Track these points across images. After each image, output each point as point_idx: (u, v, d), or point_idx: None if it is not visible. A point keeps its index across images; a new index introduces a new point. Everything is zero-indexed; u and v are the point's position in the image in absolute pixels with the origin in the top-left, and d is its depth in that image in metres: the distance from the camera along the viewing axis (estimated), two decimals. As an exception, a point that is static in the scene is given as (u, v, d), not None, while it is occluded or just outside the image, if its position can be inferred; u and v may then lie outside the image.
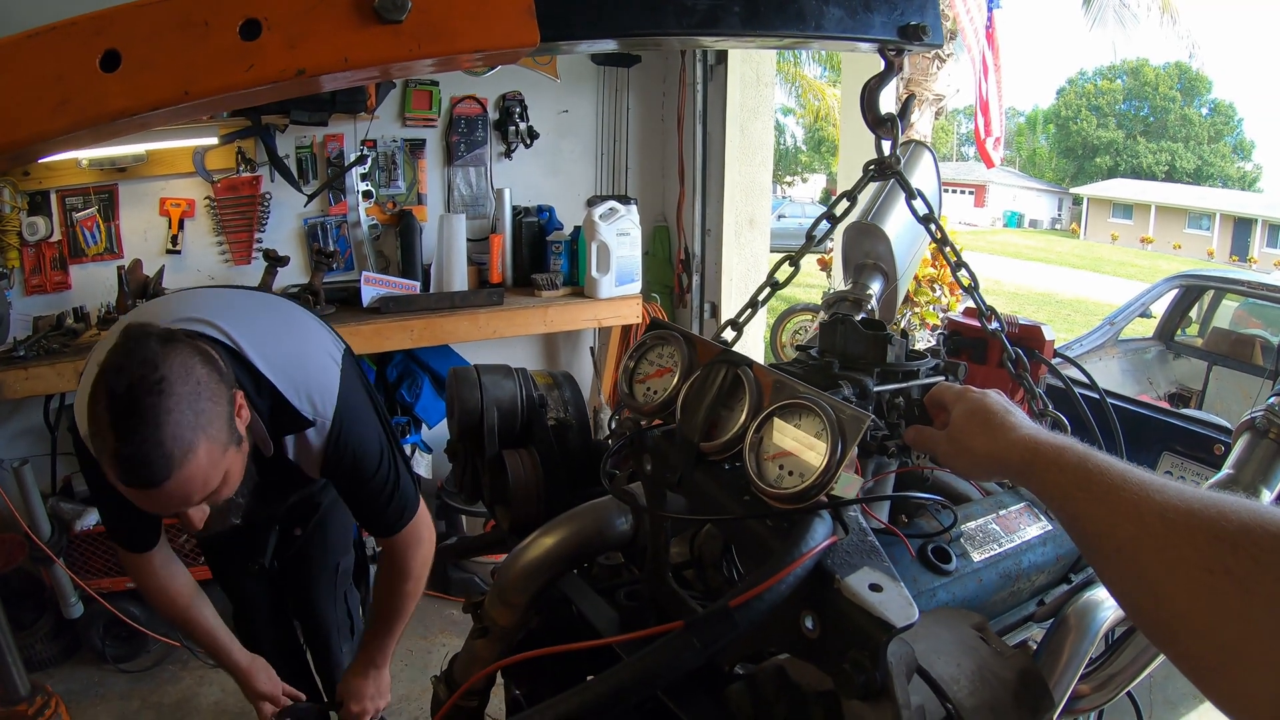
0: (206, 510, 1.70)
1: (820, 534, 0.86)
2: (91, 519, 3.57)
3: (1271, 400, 1.36)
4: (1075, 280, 22.34)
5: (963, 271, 1.54)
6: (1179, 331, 6.20)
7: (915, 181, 1.86)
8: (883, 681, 0.79)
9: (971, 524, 1.23)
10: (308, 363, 1.97)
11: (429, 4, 0.91)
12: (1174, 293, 6.05)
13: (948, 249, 1.54)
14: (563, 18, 0.99)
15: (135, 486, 1.53)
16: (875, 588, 0.82)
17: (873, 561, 0.87)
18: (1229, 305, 6.37)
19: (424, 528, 2.24)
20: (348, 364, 2.06)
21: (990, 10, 8.62)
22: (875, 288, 1.84)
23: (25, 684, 1.58)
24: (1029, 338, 1.75)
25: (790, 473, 0.93)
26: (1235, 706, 0.65)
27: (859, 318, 1.51)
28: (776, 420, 0.97)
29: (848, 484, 0.89)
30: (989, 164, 9.23)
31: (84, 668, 3.79)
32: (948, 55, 9.79)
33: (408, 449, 4.37)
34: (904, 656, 0.82)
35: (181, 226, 3.99)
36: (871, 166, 1.56)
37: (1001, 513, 1.28)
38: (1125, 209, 39.73)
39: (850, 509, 0.91)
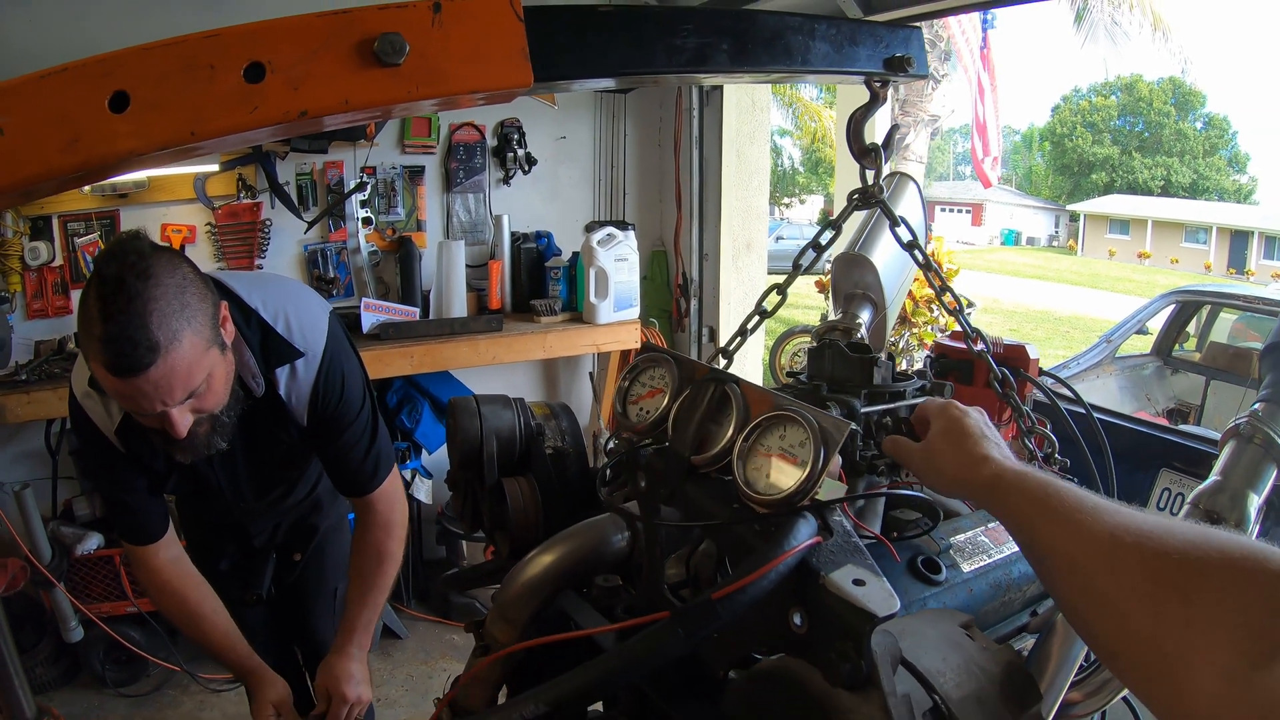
0: (190, 417, 1.70)
1: (804, 533, 0.90)
2: (93, 543, 3.58)
3: (1255, 406, 1.39)
4: (1073, 297, 22.36)
5: (948, 295, 1.58)
6: (1176, 347, 6.21)
7: (899, 213, 1.90)
8: (868, 670, 0.82)
9: (961, 536, 1.26)
10: (297, 302, 2.03)
11: (426, 47, 0.94)
12: (1170, 308, 6.06)
13: (931, 274, 1.57)
14: (555, 59, 1.02)
15: (120, 373, 1.55)
16: (858, 582, 0.85)
17: (856, 559, 0.90)
18: (1226, 319, 6.38)
19: (399, 487, 2.25)
20: (335, 316, 2.10)
21: (985, 31, 8.71)
22: (865, 317, 1.86)
23: (32, 706, 1.60)
24: (1013, 357, 1.77)
25: (776, 481, 0.96)
26: (1176, 712, 0.68)
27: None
28: (763, 432, 1.01)
29: (831, 490, 0.93)
30: (986, 184, 9.29)
31: (84, 692, 3.81)
32: (942, 76, 9.88)
33: (407, 474, 4.38)
34: (888, 648, 0.85)
35: (183, 252, 4.02)
36: (856, 196, 1.59)
37: (990, 525, 1.30)
38: (1122, 224, 39.78)
39: (837, 515, 0.94)
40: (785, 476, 0.96)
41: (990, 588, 1.21)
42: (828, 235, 1.66)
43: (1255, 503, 1.29)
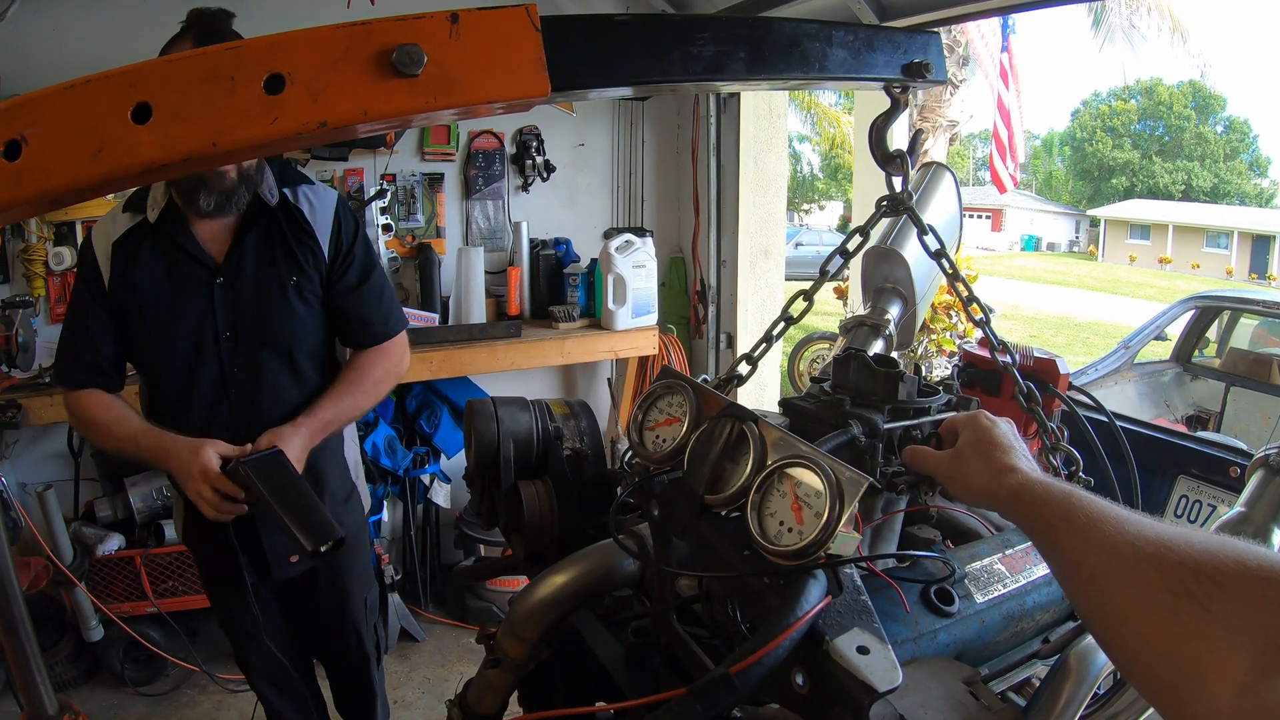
0: None
1: (815, 596, 0.88)
2: (113, 544, 3.62)
3: (1287, 437, 1.36)
4: (1093, 303, 22.24)
5: (974, 305, 1.56)
6: (1196, 353, 6.16)
7: (935, 204, 1.88)
8: None
9: (977, 564, 1.24)
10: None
11: (443, 58, 0.95)
12: (1190, 314, 6.02)
13: (959, 284, 1.56)
14: (572, 69, 1.02)
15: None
16: (863, 650, 0.85)
17: (863, 622, 0.89)
18: (1247, 325, 6.33)
19: (404, 351, 2.43)
20: None
21: (1005, 36, 8.67)
22: (894, 312, 1.85)
23: (53, 702, 1.61)
24: (1043, 371, 1.75)
25: (790, 529, 0.94)
26: None
27: (872, 354, 1.53)
28: (778, 476, 0.99)
29: (845, 542, 0.90)
30: (1001, 189, 9.23)
31: (103, 690, 3.85)
32: (961, 81, 9.84)
33: (426, 479, 4.40)
34: (887, 717, 0.84)
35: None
36: (884, 202, 1.58)
37: (1008, 552, 1.28)
38: (1143, 230, 39.56)
39: (848, 569, 0.94)
40: (799, 527, 0.94)
41: (1003, 619, 1.20)
42: (855, 242, 1.65)
43: (1279, 537, 1.28)
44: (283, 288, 2.22)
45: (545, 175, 4.71)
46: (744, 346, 1.66)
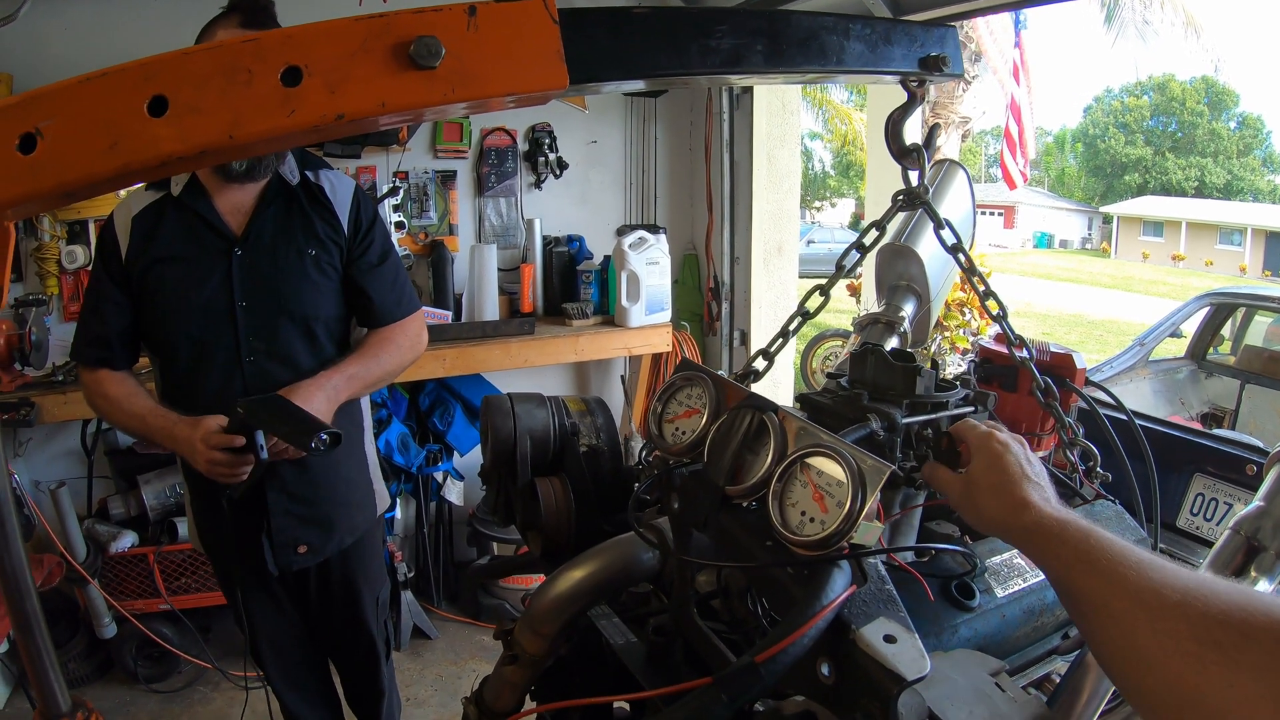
0: None
1: (840, 585, 0.87)
2: (126, 541, 3.63)
3: (1306, 432, 1.35)
4: (1106, 300, 22.12)
5: (990, 300, 1.55)
6: (1211, 350, 6.12)
7: (949, 201, 1.87)
8: None
9: (996, 559, 1.24)
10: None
11: (461, 50, 0.94)
12: (1204, 311, 5.97)
13: (975, 279, 1.55)
14: (590, 61, 1.01)
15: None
16: (889, 639, 0.84)
17: (889, 611, 0.88)
18: (1261, 322, 6.28)
19: (422, 328, 2.50)
20: None
21: (1017, 32, 8.63)
22: (908, 309, 1.84)
23: (66, 699, 1.62)
24: (1060, 366, 1.74)
25: (812, 519, 0.94)
26: None
27: (889, 348, 1.52)
28: (799, 466, 0.98)
29: (868, 532, 0.90)
30: (1011, 185, 9.18)
31: (116, 687, 3.86)
32: (973, 78, 9.80)
33: (439, 476, 4.40)
34: (915, 707, 0.83)
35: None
36: (900, 197, 1.57)
37: (1028, 547, 1.28)
38: (1156, 226, 39.35)
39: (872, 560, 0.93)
40: (821, 517, 0.93)
41: (1023, 613, 1.20)
42: (871, 236, 1.64)
43: None
44: (300, 257, 2.26)
45: (558, 172, 4.71)
46: (758, 343, 1.65)
